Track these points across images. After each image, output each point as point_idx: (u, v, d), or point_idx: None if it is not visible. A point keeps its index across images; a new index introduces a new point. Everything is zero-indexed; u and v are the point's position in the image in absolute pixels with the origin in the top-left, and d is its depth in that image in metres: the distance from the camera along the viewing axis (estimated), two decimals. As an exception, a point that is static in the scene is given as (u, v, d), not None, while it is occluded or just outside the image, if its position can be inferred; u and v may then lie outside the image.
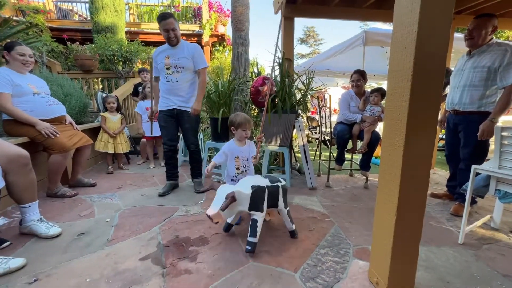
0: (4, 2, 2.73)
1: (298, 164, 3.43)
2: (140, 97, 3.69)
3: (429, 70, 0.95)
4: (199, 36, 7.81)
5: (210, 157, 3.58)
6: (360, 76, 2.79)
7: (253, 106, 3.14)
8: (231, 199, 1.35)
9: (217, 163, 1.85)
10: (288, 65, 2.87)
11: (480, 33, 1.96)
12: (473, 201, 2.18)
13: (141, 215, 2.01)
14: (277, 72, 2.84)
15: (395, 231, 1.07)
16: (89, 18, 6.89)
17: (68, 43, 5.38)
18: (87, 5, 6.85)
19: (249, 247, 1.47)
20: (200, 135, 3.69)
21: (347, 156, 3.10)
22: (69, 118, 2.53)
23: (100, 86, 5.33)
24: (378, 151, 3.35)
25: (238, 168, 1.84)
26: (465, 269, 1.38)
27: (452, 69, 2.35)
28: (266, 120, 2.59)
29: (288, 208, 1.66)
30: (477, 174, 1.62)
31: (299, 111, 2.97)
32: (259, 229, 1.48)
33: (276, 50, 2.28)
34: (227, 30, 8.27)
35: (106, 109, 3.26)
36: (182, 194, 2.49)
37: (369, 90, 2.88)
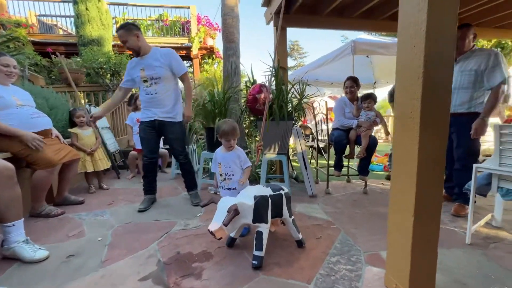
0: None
1: (295, 172, 3.39)
2: (131, 109, 3.58)
3: (439, 68, 0.96)
4: (188, 49, 7.84)
5: (205, 169, 3.47)
6: (353, 82, 2.85)
7: (248, 113, 3.11)
8: (234, 212, 1.28)
9: (212, 171, 1.87)
10: (283, 73, 2.89)
11: (464, 42, 2.13)
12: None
13: (136, 231, 1.87)
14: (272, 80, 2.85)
15: (414, 233, 1.04)
16: (74, 33, 6.75)
17: (53, 56, 5.20)
18: (72, 19, 6.73)
19: (256, 262, 1.38)
20: (194, 147, 3.60)
21: (344, 162, 3.10)
22: (55, 132, 2.38)
23: (87, 100, 5.14)
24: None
25: (221, 175, 1.78)
26: (479, 270, 1.36)
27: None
28: (265, 128, 2.55)
29: (293, 217, 1.60)
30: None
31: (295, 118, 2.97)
32: (265, 242, 1.40)
33: (275, 59, 2.30)
34: (216, 43, 8.36)
35: (75, 124, 2.86)
36: (179, 207, 2.37)
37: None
